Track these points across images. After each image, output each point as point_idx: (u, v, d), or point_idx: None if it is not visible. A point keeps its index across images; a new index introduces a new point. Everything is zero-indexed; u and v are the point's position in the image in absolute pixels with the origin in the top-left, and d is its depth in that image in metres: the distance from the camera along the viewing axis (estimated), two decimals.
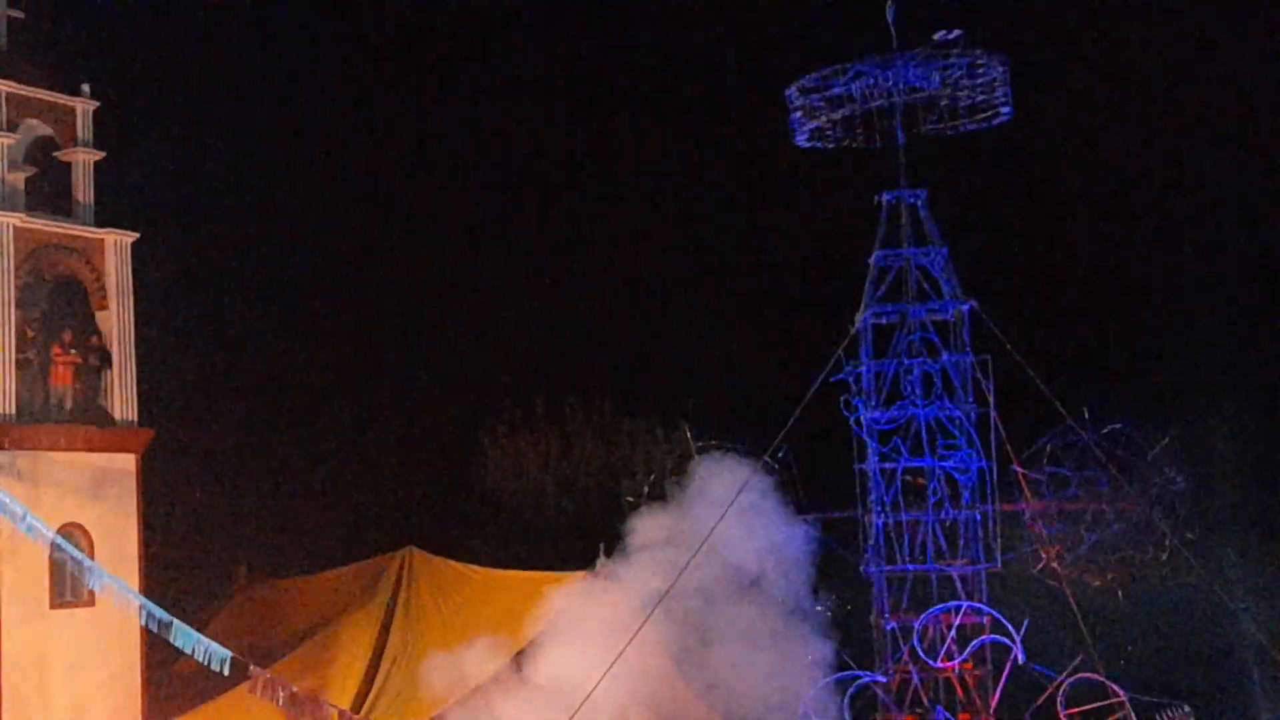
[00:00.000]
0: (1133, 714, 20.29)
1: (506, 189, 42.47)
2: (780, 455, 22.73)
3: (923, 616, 20.79)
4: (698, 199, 40.82)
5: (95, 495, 23.61)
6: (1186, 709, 20.54)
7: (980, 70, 23.13)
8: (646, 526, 23.68)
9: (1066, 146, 36.88)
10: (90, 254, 24.37)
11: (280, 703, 21.30)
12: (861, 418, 22.57)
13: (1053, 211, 37.46)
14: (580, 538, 29.21)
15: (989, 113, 23.50)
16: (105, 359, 24.24)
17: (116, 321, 24.44)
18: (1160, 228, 36.22)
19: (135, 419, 24.39)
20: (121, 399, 24.32)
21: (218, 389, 34.36)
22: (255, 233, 37.15)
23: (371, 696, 23.36)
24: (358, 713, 22.61)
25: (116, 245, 24.53)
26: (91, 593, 22.64)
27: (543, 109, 42.79)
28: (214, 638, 21.63)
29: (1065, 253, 37.22)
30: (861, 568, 22.28)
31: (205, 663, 21.31)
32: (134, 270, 24.80)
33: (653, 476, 27.66)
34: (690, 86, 42.43)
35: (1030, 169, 36.46)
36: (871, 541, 22.09)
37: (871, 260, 23.08)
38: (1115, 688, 20.48)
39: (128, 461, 24.16)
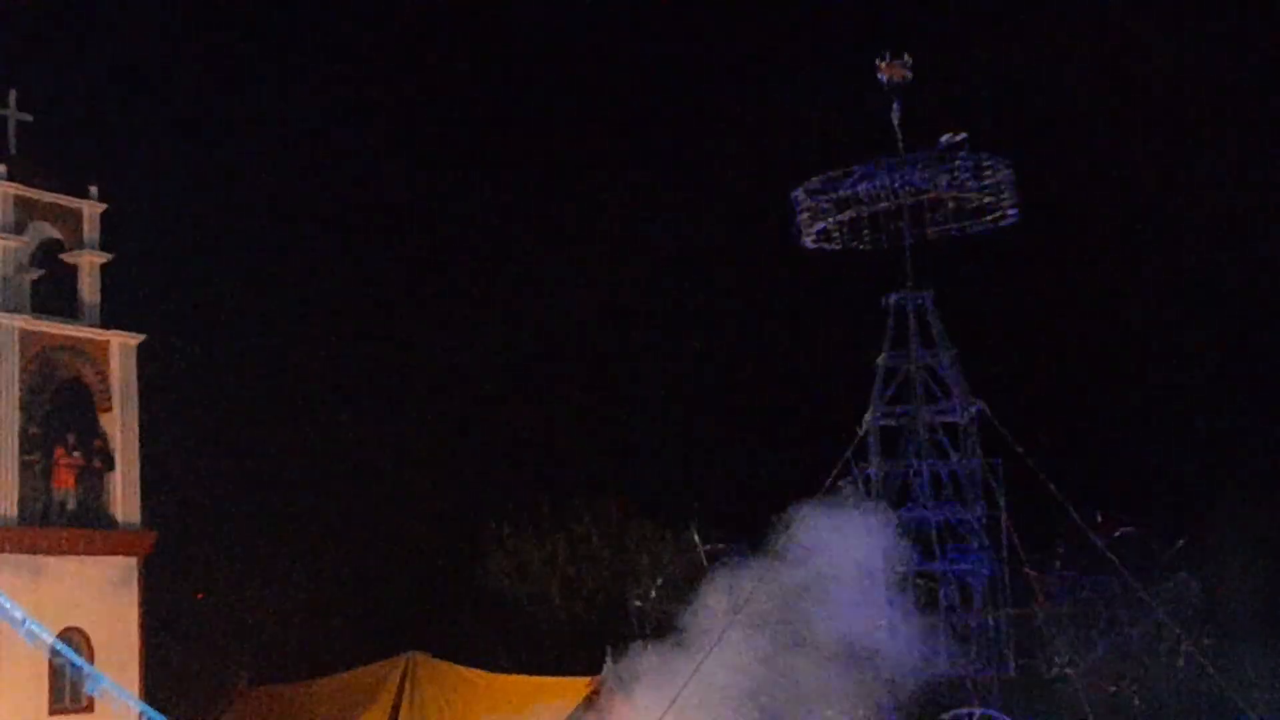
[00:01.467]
0: None
1: (512, 282, 42.56)
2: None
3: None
4: (706, 301, 40.89)
5: (96, 599, 23.36)
6: None
7: (986, 173, 23.18)
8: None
9: (1074, 248, 37.00)
10: (95, 356, 24.30)
11: None
12: None
13: (1061, 313, 37.48)
14: (586, 642, 28.85)
15: (996, 214, 23.52)
16: (108, 462, 24.09)
17: (120, 424, 24.31)
18: (1171, 327, 36.18)
19: (138, 522, 24.21)
20: (124, 502, 24.14)
21: (221, 492, 34.13)
22: (260, 335, 37.24)
23: None
24: None
25: (121, 347, 24.47)
26: (91, 698, 22.31)
27: (553, 213, 43.08)
28: None
29: (1075, 354, 37.19)
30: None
31: None
32: (138, 372, 24.74)
33: (660, 581, 27.37)
34: (698, 187, 42.68)
35: (1038, 271, 36.52)
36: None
37: (879, 362, 22.98)
38: None
39: (130, 565, 23.93)
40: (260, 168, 39.62)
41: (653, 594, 26.45)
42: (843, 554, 21.85)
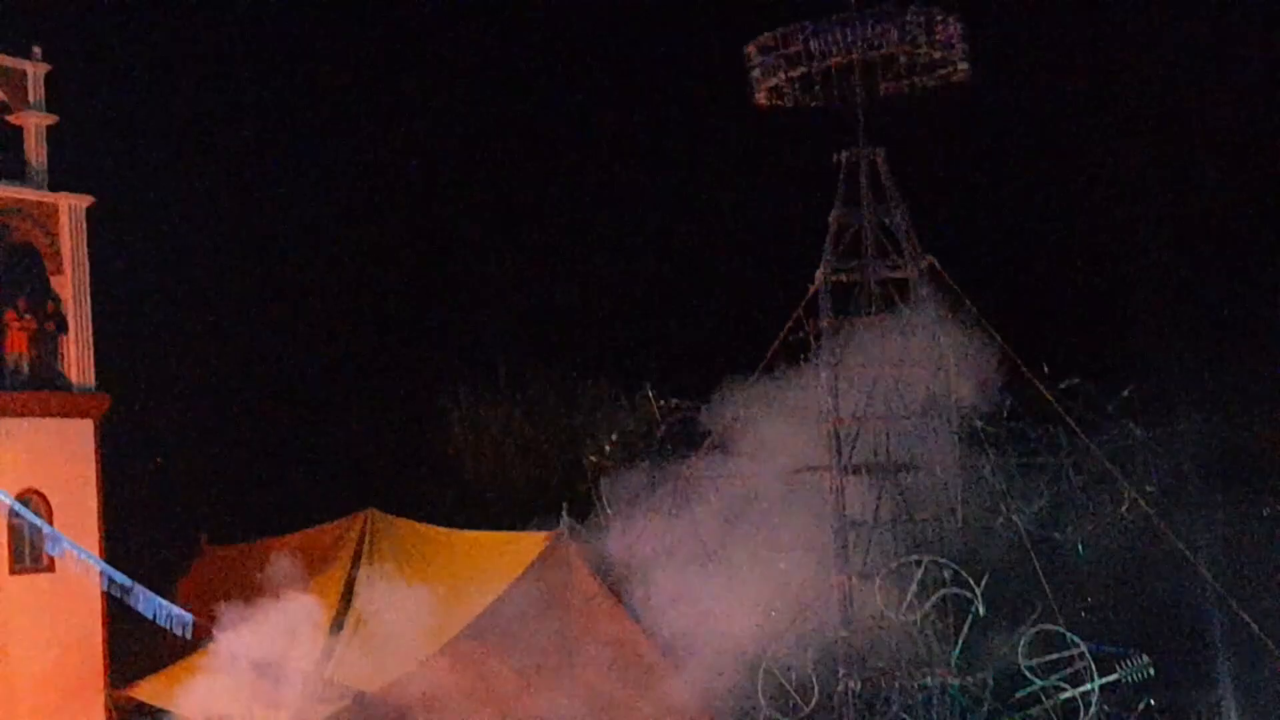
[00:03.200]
0: (1092, 664, 20.44)
1: (469, 156, 42.27)
2: None
3: (883, 569, 20.85)
4: (658, 161, 40.74)
5: (54, 461, 23.49)
6: (1145, 659, 20.69)
7: (938, 28, 23.10)
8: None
9: (1026, 105, 36.99)
10: (44, 219, 24.17)
11: (243, 666, 21.31)
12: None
13: (1012, 171, 37.58)
14: (543, 500, 29.22)
15: (948, 70, 23.48)
16: (61, 324, 24.08)
17: (72, 287, 24.28)
18: (1121, 184, 36.36)
19: (93, 384, 24.26)
20: (79, 365, 24.19)
21: (177, 355, 34.16)
22: (215, 196, 36.96)
23: (335, 658, 23.35)
24: (322, 674, 22.62)
25: (70, 210, 24.34)
26: (51, 559, 22.55)
27: (499, 78, 42.68)
28: (176, 603, 21.62)
29: (1024, 211, 37.39)
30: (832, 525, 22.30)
31: (168, 627, 21.31)
32: (90, 235, 24.61)
33: (615, 437, 27.65)
34: (650, 46, 42.31)
35: (990, 128, 36.53)
36: (833, 494, 22.11)
37: (830, 218, 23.06)
38: (1074, 638, 20.63)
39: (85, 427, 24.05)
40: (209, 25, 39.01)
41: (607, 450, 26.70)
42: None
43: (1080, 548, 22.87)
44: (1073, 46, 37.95)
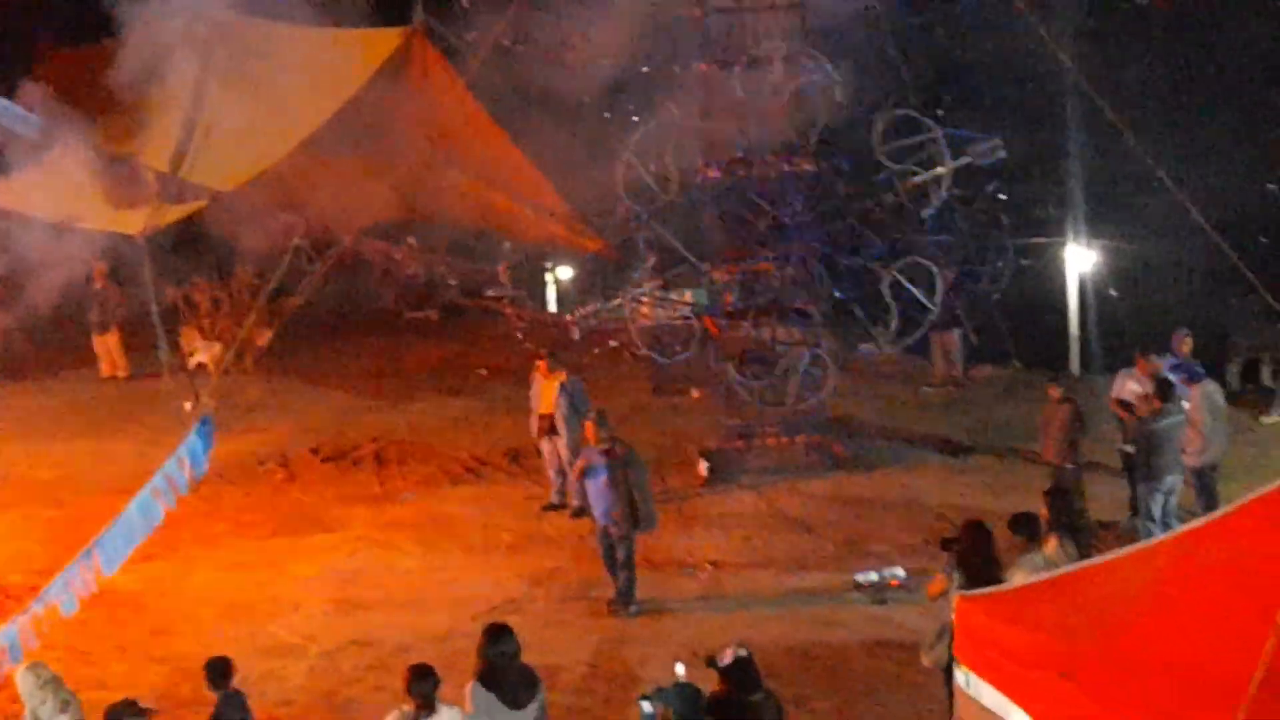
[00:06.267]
0: (945, 147, 20.71)
1: None
2: None
3: (742, 58, 20.65)
4: None
5: None
6: (997, 141, 20.96)
7: None
8: None
9: None
10: None
11: (91, 166, 20.92)
12: None
13: None
14: None
15: None
16: None
17: None
18: None
19: None
20: None
21: None
22: None
23: (189, 158, 22.91)
24: (175, 173, 22.28)
25: None
26: None
27: None
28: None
29: None
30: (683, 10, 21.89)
31: (11, 128, 20.70)
32: None
33: None
34: None
35: None
36: None
37: None
38: (929, 122, 20.83)
39: None
40: None
41: None
42: None
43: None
44: None
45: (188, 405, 22.68)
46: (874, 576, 17.40)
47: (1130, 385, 19.12)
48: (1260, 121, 33.57)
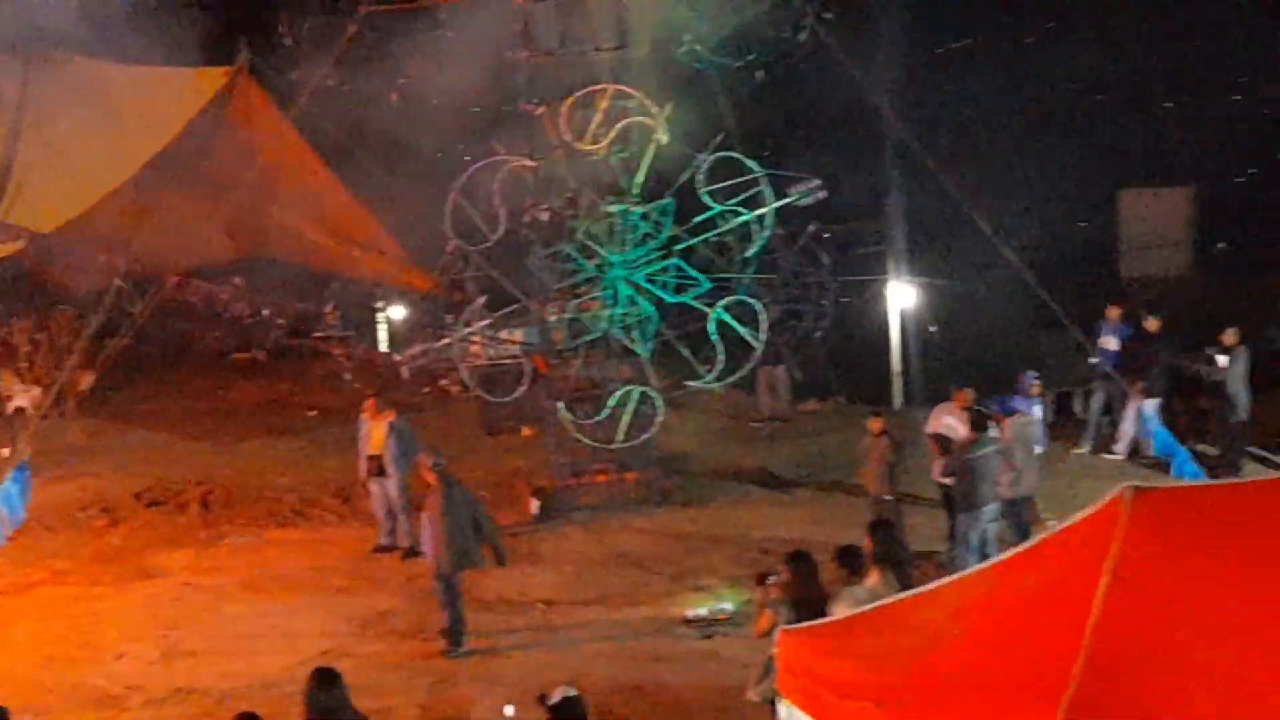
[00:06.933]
0: (768, 187, 21.16)
1: None
2: None
3: (569, 99, 20.86)
4: None
5: None
6: (817, 182, 21.49)
7: None
8: None
9: None
10: None
11: None
12: None
13: None
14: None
15: None
16: None
17: None
18: None
19: None
20: None
21: None
22: None
23: (7, 197, 22.36)
24: None
25: None
26: None
27: None
28: None
29: None
30: (512, 53, 22.06)
31: None
32: None
33: None
34: None
35: None
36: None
37: None
38: (752, 164, 21.25)
39: None
40: None
41: None
42: None
43: (760, 75, 23.35)
44: None
45: (4, 452, 22.09)
46: (703, 611, 17.69)
47: (946, 419, 19.70)
48: (1073, 162, 34.92)
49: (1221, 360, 22.84)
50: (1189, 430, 24.60)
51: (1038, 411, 21.04)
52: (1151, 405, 23.86)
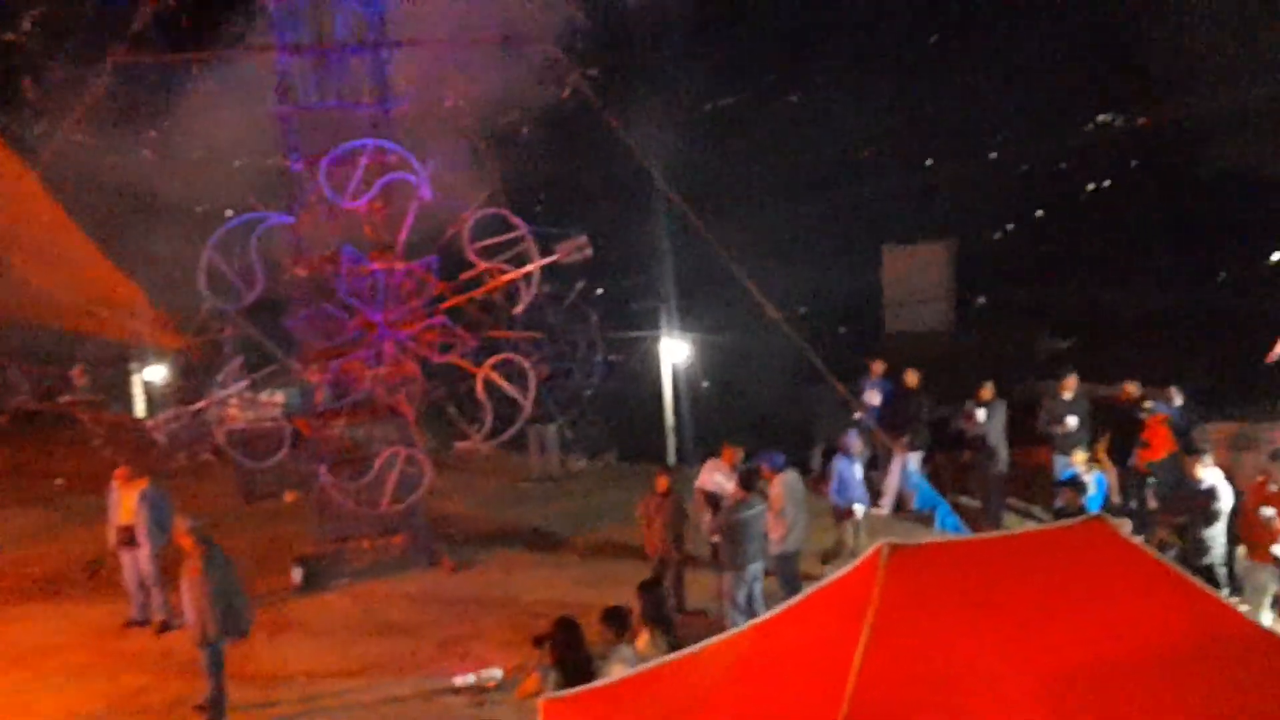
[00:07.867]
0: (534, 244, 20.95)
1: None
2: None
3: (329, 155, 20.38)
4: None
5: None
6: (584, 238, 21.34)
7: None
8: None
9: None
10: None
11: None
12: None
13: None
14: None
15: None
16: None
17: None
18: None
19: None
20: None
21: None
22: None
23: None
24: None
25: None
26: None
27: None
28: None
29: None
30: (271, 107, 21.49)
31: None
32: None
33: None
34: None
35: None
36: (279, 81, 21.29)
37: None
38: (517, 221, 21.03)
39: None
40: None
41: None
42: None
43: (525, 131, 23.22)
44: None
45: None
46: (471, 679, 17.22)
47: (716, 476, 19.66)
48: (840, 219, 35.69)
49: (980, 414, 23.34)
50: (951, 483, 25.08)
51: (858, 471, 21.18)
52: (915, 459, 24.26)
